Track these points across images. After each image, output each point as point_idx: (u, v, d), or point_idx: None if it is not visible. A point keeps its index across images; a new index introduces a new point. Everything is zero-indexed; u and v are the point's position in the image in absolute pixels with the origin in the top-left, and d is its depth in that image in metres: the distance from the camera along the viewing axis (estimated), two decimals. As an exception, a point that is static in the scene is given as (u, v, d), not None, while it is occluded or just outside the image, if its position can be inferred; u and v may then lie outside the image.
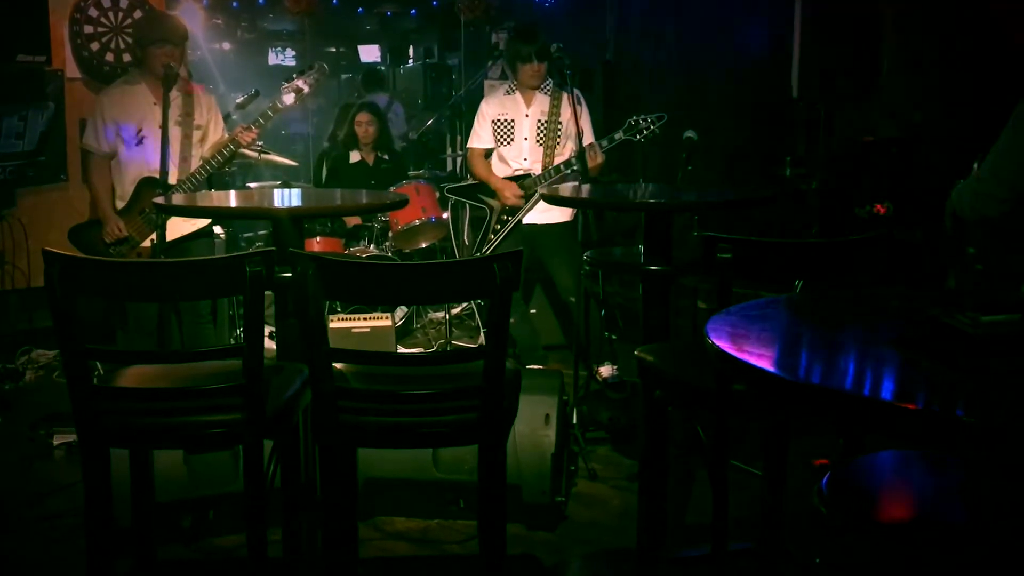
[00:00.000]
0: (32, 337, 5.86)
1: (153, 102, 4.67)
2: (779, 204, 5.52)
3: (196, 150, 4.76)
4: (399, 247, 6.31)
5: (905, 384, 1.48)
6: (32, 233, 5.87)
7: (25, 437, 4.52)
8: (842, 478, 1.67)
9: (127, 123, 4.68)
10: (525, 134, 5.08)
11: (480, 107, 5.27)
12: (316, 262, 2.39)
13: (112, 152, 4.73)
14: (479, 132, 5.22)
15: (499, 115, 5.13)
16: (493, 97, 5.27)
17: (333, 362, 2.46)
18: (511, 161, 5.12)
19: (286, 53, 11.71)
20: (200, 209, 3.87)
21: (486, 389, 2.43)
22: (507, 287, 2.37)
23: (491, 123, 5.14)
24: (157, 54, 4.56)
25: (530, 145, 5.08)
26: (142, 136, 4.67)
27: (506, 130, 5.11)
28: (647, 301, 3.41)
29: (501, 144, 5.13)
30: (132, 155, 4.69)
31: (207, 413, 2.49)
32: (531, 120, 5.07)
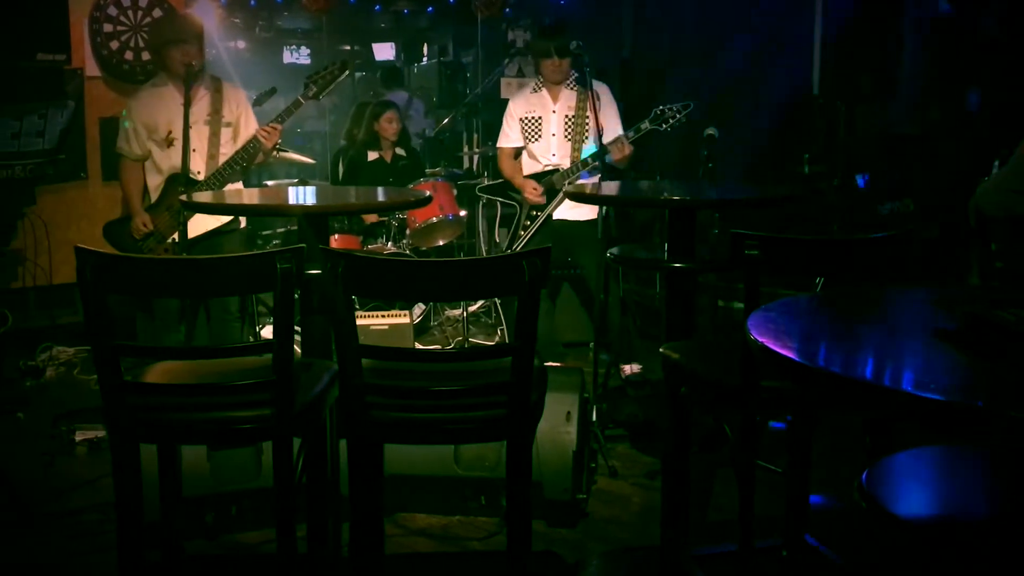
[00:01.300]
0: (53, 334, 5.88)
1: (181, 102, 4.67)
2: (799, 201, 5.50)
3: (227, 147, 4.77)
4: (416, 244, 6.31)
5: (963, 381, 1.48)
6: (52, 231, 5.91)
7: (47, 433, 4.53)
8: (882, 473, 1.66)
9: (157, 126, 4.73)
10: (553, 130, 5.13)
11: (508, 106, 5.33)
12: (346, 259, 2.40)
13: (145, 155, 4.80)
14: (507, 131, 5.28)
15: (526, 112, 5.19)
16: (520, 96, 5.34)
17: (363, 358, 2.46)
18: (540, 157, 5.17)
19: (301, 52, 11.71)
20: (228, 207, 3.88)
21: (514, 385, 2.43)
22: (536, 283, 2.37)
23: (519, 121, 5.20)
24: (174, 54, 4.60)
25: (558, 140, 5.13)
26: (171, 137, 4.70)
27: (534, 127, 5.17)
28: (671, 298, 3.41)
29: (530, 140, 5.19)
30: (164, 156, 4.75)
31: (236, 409, 2.50)
32: (558, 116, 5.12)
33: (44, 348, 5.75)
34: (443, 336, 6.43)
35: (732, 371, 2.58)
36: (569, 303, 5.85)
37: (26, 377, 5.42)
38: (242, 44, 11.26)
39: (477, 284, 2.49)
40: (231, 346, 3.54)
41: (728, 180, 5.52)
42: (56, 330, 5.94)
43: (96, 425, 4.48)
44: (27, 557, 3.41)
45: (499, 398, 2.46)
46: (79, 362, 5.69)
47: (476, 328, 6.49)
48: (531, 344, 2.43)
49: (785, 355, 1.47)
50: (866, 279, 2.65)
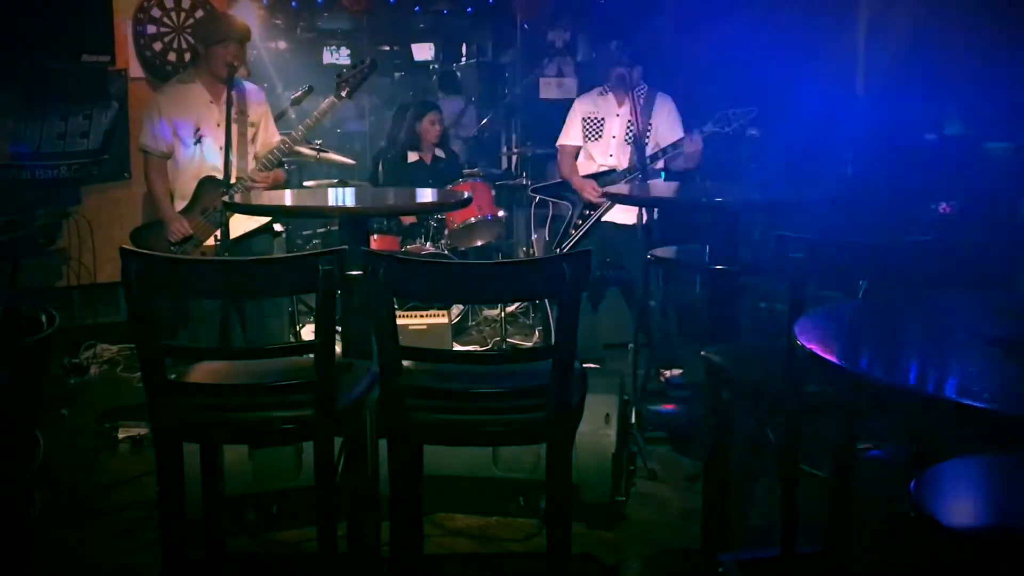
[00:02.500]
0: (96, 332, 5.96)
1: (210, 100, 4.72)
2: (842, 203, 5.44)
3: (251, 148, 4.80)
4: (455, 245, 6.33)
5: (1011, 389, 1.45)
6: (96, 230, 5.97)
7: (91, 430, 4.60)
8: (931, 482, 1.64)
9: (185, 122, 4.70)
10: (614, 132, 5.21)
11: (573, 105, 5.43)
12: (387, 261, 2.41)
13: (169, 151, 4.74)
14: (569, 130, 5.37)
15: (590, 112, 5.29)
16: (587, 96, 5.44)
17: (404, 360, 2.47)
18: (597, 157, 5.25)
19: (340, 52, 11.78)
20: (271, 208, 3.91)
21: (555, 388, 2.43)
22: (576, 286, 2.37)
23: (581, 120, 5.28)
24: (221, 53, 4.59)
25: (617, 143, 5.20)
26: (200, 135, 4.70)
27: (595, 127, 5.26)
28: (713, 301, 3.40)
29: (589, 140, 5.27)
30: (190, 154, 4.72)
31: (279, 409, 2.52)
32: (621, 120, 5.20)
33: (88, 346, 5.82)
34: (481, 336, 6.44)
35: (775, 375, 2.56)
36: (613, 305, 5.84)
37: (70, 375, 5.48)
38: (283, 44, 11.36)
39: (518, 286, 2.50)
40: (273, 347, 3.56)
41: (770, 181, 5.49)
42: (99, 328, 6.02)
43: (138, 422, 4.53)
44: (72, 553, 3.45)
45: (539, 401, 2.46)
46: (122, 360, 5.77)
47: (514, 328, 6.49)
48: (572, 347, 2.43)
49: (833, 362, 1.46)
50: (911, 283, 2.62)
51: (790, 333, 1.65)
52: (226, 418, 2.54)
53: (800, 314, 2.29)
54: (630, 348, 5.43)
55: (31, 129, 5.72)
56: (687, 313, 5.94)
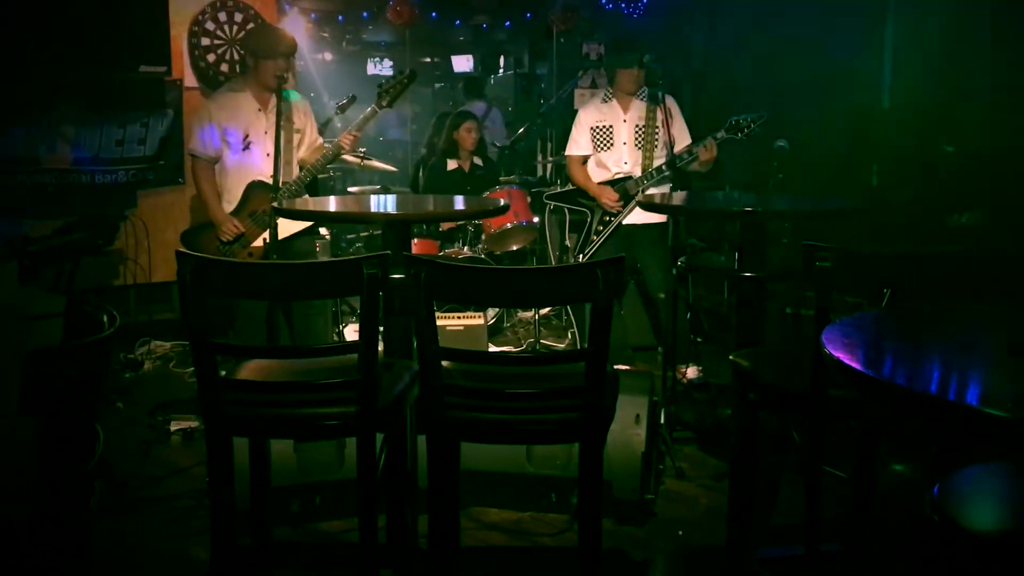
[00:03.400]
0: (151, 329, 6.05)
1: (258, 108, 4.76)
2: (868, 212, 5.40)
3: (295, 154, 4.84)
4: (491, 249, 6.34)
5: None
6: (152, 232, 6.06)
7: (144, 423, 4.66)
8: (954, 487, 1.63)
9: (234, 129, 4.73)
10: (624, 139, 5.12)
11: (578, 116, 5.32)
12: (428, 265, 2.42)
13: (217, 156, 4.78)
14: (577, 139, 5.26)
15: (597, 122, 5.18)
16: (590, 105, 5.32)
17: (443, 360, 2.48)
18: (611, 165, 5.15)
19: (384, 63, 11.87)
20: (318, 213, 3.94)
21: (588, 390, 2.43)
22: (610, 291, 2.37)
23: (589, 130, 5.19)
24: (270, 66, 4.64)
25: (629, 149, 5.11)
26: (248, 142, 4.74)
27: (605, 136, 5.15)
28: (740, 306, 3.38)
29: (601, 149, 5.17)
30: (238, 160, 4.75)
31: (324, 406, 2.55)
32: (629, 125, 5.11)
33: (142, 343, 5.90)
34: (515, 337, 6.45)
35: (801, 379, 2.55)
36: (635, 306, 5.82)
37: (126, 369, 5.55)
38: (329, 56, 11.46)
39: (553, 291, 2.50)
40: (319, 347, 3.60)
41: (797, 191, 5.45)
42: (154, 325, 6.10)
43: (189, 416, 4.59)
44: (126, 539, 3.50)
45: (573, 401, 2.47)
46: (175, 356, 5.84)
47: (547, 330, 6.48)
48: (604, 350, 2.43)
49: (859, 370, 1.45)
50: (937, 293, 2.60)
51: (817, 340, 1.65)
52: (274, 414, 2.56)
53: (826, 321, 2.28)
54: (660, 351, 5.42)
55: (91, 136, 5.84)
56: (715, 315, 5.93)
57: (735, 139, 4.69)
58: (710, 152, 4.74)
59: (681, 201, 4.05)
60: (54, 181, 5.73)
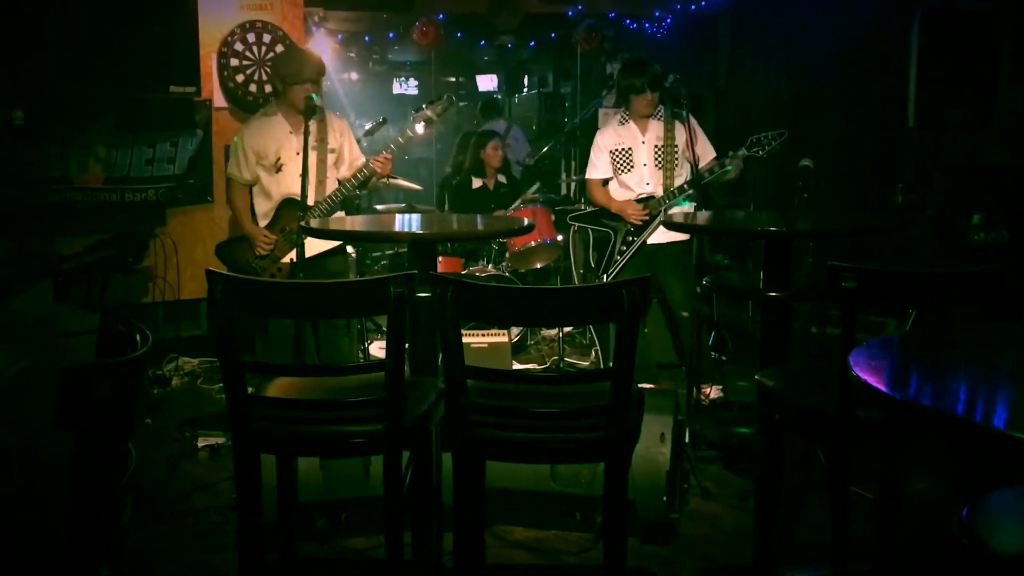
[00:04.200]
0: (178, 345, 6.10)
1: (289, 131, 4.83)
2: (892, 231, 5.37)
3: (331, 172, 4.89)
4: (515, 267, 6.36)
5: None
6: (180, 250, 6.12)
7: (172, 438, 4.70)
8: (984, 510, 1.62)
9: (267, 153, 4.84)
10: (644, 160, 5.09)
11: (595, 139, 5.28)
12: (454, 285, 2.44)
13: (253, 180, 4.90)
14: (596, 163, 5.23)
15: (616, 145, 5.15)
16: (607, 128, 5.29)
17: (469, 379, 2.50)
18: (634, 187, 5.12)
19: (409, 83, 11.98)
20: (344, 232, 3.97)
21: (613, 409, 2.44)
22: (635, 312, 2.38)
23: (608, 153, 5.15)
24: (298, 91, 4.70)
25: (650, 170, 5.08)
26: (280, 164, 4.82)
27: (625, 158, 5.12)
28: (765, 325, 3.37)
29: (622, 172, 5.13)
30: (272, 181, 4.85)
31: (351, 423, 2.56)
32: (648, 146, 5.09)
33: (170, 359, 5.96)
34: (539, 355, 6.45)
35: (826, 399, 2.53)
36: (659, 325, 5.80)
37: (154, 385, 5.61)
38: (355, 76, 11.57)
39: (579, 311, 2.51)
40: (346, 365, 3.62)
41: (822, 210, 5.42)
42: (182, 342, 6.16)
43: (216, 432, 4.62)
44: (154, 553, 3.52)
45: (598, 420, 2.47)
46: (202, 372, 5.88)
47: (571, 348, 6.49)
48: (630, 369, 2.43)
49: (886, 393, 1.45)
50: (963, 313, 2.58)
51: (844, 362, 1.65)
52: (302, 431, 2.58)
53: (852, 342, 2.28)
54: (683, 369, 5.40)
55: (122, 155, 5.90)
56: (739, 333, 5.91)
57: (756, 156, 4.67)
58: (736, 167, 4.73)
59: (705, 220, 4.05)
60: (85, 199, 5.79)
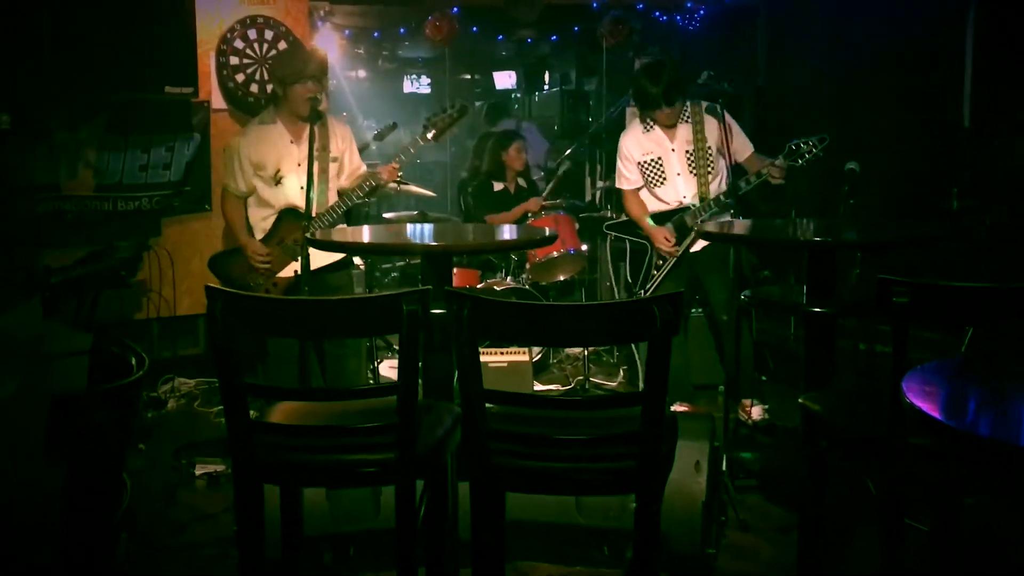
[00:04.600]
0: (174, 365, 6.12)
1: (290, 140, 4.83)
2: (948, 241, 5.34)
3: (333, 183, 4.89)
4: (536, 279, 6.36)
5: None
6: (177, 262, 6.13)
7: (168, 465, 4.72)
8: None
9: (265, 165, 4.82)
10: (677, 169, 5.05)
11: (620, 147, 5.22)
12: (471, 302, 2.44)
13: (250, 192, 4.90)
14: (626, 174, 5.20)
15: (644, 156, 5.10)
16: (631, 136, 5.19)
17: (487, 403, 2.50)
18: (669, 200, 5.10)
19: (421, 81, 12.03)
20: (352, 245, 3.98)
21: (644, 436, 2.43)
22: (667, 330, 2.37)
23: (638, 165, 5.12)
24: (299, 92, 4.68)
25: (684, 179, 5.04)
26: (280, 176, 4.82)
27: (656, 171, 5.08)
28: (809, 344, 3.36)
29: (655, 185, 5.10)
30: (271, 194, 4.85)
31: (360, 451, 2.57)
32: (678, 153, 5.05)
33: (166, 380, 5.98)
34: (563, 375, 6.44)
35: (876, 424, 2.52)
36: (702, 340, 5.77)
37: (148, 408, 5.63)
38: (363, 74, 11.63)
39: (606, 330, 2.51)
40: (355, 388, 3.63)
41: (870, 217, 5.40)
42: (178, 362, 6.18)
43: (215, 459, 4.64)
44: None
45: (628, 449, 2.47)
46: (200, 394, 5.90)
47: (597, 367, 6.47)
48: (662, 393, 2.43)
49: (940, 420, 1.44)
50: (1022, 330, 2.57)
51: (896, 387, 1.64)
52: (307, 460, 2.59)
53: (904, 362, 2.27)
54: (720, 390, 5.39)
55: (114, 161, 5.94)
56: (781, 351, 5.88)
57: (795, 165, 4.61)
58: (779, 172, 4.67)
59: (744, 230, 4.03)
60: (75, 208, 5.84)
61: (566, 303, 2.91)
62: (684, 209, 5.03)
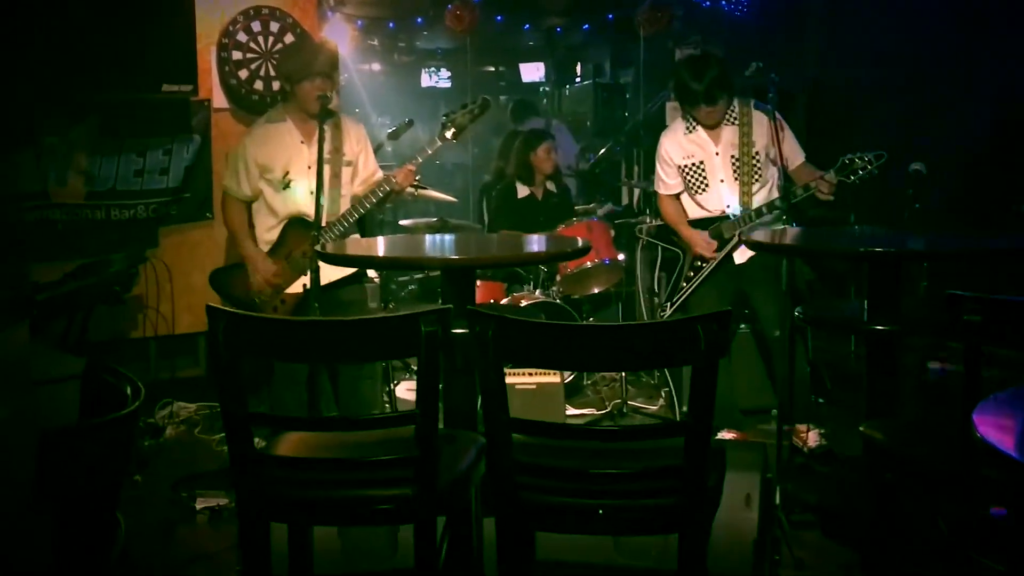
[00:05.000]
0: (173, 388, 6.13)
1: (300, 140, 4.84)
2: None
3: (347, 189, 4.89)
4: (568, 293, 6.36)
5: None
6: (175, 276, 6.17)
7: (166, 499, 4.72)
8: None
9: (273, 167, 4.82)
10: (720, 175, 5.04)
11: (660, 148, 5.23)
12: (496, 322, 2.44)
13: (254, 196, 4.90)
14: (665, 178, 5.21)
15: (685, 159, 5.10)
16: (672, 137, 5.20)
17: (514, 433, 2.50)
18: (711, 208, 5.09)
19: (441, 74, 12.06)
20: (367, 259, 3.99)
21: (689, 470, 2.42)
22: (713, 353, 2.36)
23: (678, 169, 5.12)
24: (308, 89, 4.70)
25: (728, 186, 5.03)
26: (289, 179, 4.82)
27: (698, 176, 5.08)
28: (871, 365, 3.34)
29: (697, 192, 5.10)
30: (279, 199, 4.85)
31: (376, 487, 2.58)
32: (722, 157, 5.03)
33: (164, 404, 5.99)
34: (598, 398, 6.42)
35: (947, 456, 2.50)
36: (748, 360, 5.74)
37: (145, 436, 5.62)
38: (377, 67, 11.68)
39: (646, 353, 2.49)
40: (370, 417, 3.64)
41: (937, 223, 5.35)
42: (177, 384, 6.20)
43: (218, 492, 4.65)
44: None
45: (671, 483, 2.46)
46: (200, 420, 5.91)
47: (635, 388, 6.45)
48: (708, 422, 2.42)
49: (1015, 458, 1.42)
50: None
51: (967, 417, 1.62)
52: (318, 496, 2.60)
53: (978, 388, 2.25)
54: (773, 415, 5.35)
55: (106, 166, 5.97)
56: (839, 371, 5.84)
57: (846, 182, 4.57)
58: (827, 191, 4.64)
59: (794, 239, 4.01)
60: (65, 218, 5.86)
61: (599, 324, 2.91)
62: (723, 218, 5.02)
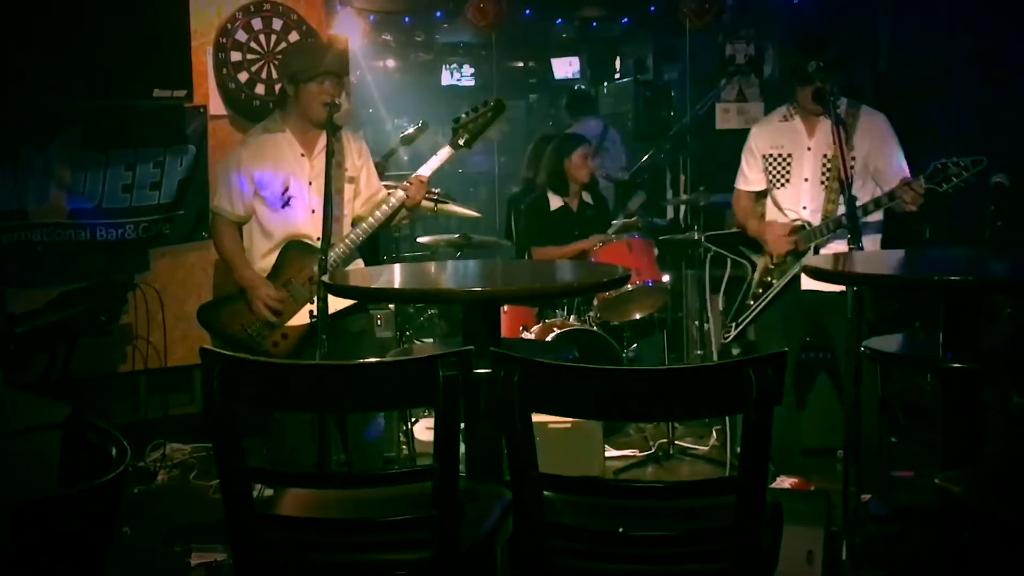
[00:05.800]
0: (165, 428, 6.15)
1: (300, 153, 4.84)
2: None
3: (348, 208, 4.90)
4: (606, 319, 6.36)
5: None
6: (167, 302, 6.15)
7: (158, 553, 4.75)
8: None
9: (271, 181, 4.81)
10: (805, 174, 5.05)
11: (748, 138, 5.28)
12: (523, 365, 2.45)
13: (248, 215, 4.88)
14: (745, 171, 5.26)
15: (772, 148, 5.13)
16: (763, 125, 5.30)
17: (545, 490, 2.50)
18: (786, 208, 5.10)
19: (463, 71, 12.09)
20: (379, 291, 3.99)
21: (740, 530, 2.42)
22: (767, 401, 2.36)
23: (761, 159, 5.16)
24: (314, 92, 4.70)
25: (811, 188, 5.03)
26: (288, 196, 4.80)
27: (781, 168, 5.10)
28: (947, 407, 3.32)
29: (774, 185, 5.12)
30: (276, 219, 4.83)
31: (390, 550, 2.58)
32: (814, 155, 5.03)
33: (155, 446, 6.01)
34: (640, 437, 6.42)
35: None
36: (817, 393, 5.71)
37: (133, 482, 5.64)
38: (392, 64, 11.73)
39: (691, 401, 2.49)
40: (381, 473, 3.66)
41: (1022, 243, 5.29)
42: (169, 423, 6.21)
43: (215, 546, 4.67)
44: None
45: (720, 546, 2.45)
46: (195, 463, 5.95)
47: (683, 427, 6.42)
48: (761, 478, 2.41)
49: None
50: None
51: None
52: (325, 560, 2.61)
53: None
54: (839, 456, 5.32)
55: (92, 180, 5.97)
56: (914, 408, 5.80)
57: (938, 191, 4.53)
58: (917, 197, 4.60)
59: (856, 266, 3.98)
60: (45, 239, 5.86)
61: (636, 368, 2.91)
62: (800, 228, 5.01)
